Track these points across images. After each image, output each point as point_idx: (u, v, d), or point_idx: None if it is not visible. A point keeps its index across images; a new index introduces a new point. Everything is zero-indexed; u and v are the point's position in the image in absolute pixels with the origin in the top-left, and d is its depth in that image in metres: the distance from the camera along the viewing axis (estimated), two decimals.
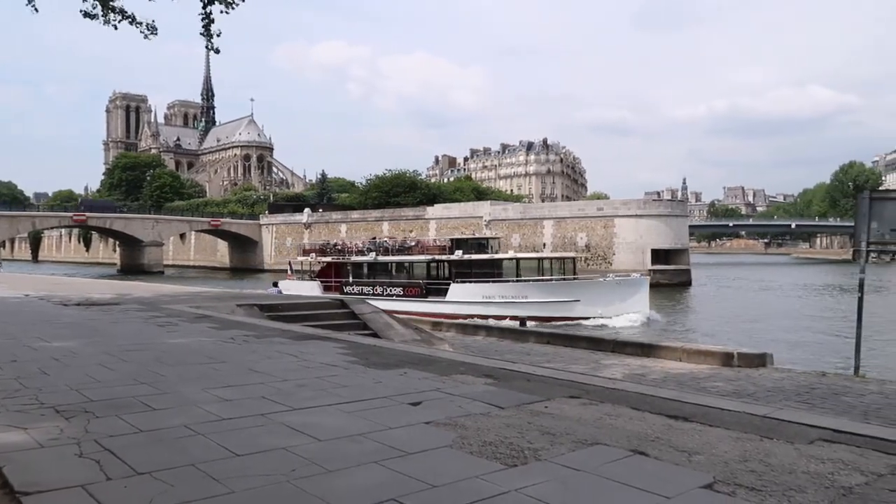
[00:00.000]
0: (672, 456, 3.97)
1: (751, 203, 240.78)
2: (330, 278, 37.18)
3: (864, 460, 3.96)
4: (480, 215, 65.52)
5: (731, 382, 9.06)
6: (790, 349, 23.13)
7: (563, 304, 30.53)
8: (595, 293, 31.14)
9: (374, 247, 38.04)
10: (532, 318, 28.16)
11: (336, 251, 39.70)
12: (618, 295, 30.55)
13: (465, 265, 33.61)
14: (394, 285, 35.11)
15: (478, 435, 4.34)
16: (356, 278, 36.79)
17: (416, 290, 34.05)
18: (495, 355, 10.37)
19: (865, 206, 11.23)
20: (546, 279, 32.85)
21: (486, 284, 32.42)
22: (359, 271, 37.18)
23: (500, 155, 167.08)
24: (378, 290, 34.93)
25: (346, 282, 36.55)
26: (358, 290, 35.35)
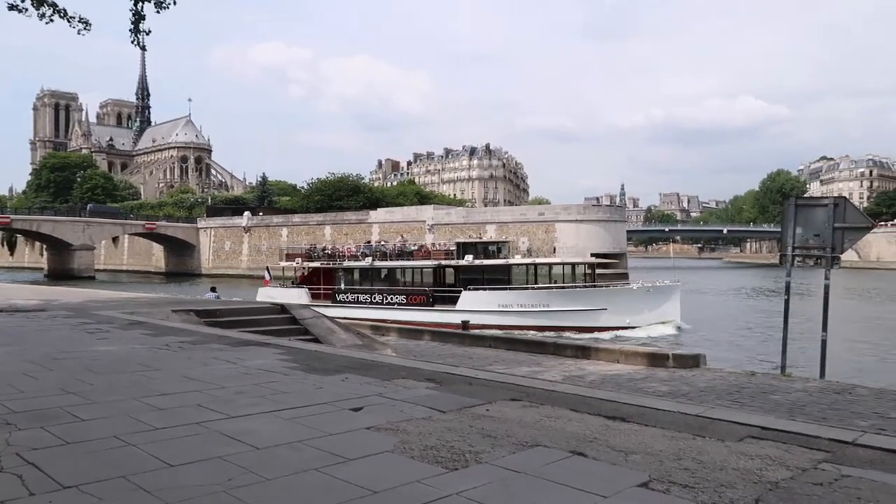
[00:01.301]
0: (609, 456, 4.05)
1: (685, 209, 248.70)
2: (318, 285, 34.51)
3: (789, 456, 4.13)
4: (424, 219, 65.59)
5: (666, 383, 9.31)
6: (723, 350, 23.94)
7: (588, 313, 28.19)
8: (623, 301, 28.79)
9: (369, 251, 35.41)
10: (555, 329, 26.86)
11: (325, 256, 36.80)
12: (647, 303, 28.50)
13: (475, 271, 31.09)
14: (395, 293, 32.30)
15: (419, 439, 4.33)
16: (349, 285, 34.15)
17: (421, 299, 31.34)
18: (438, 359, 10.38)
19: (791, 213, 11.74)
20: (569, 286, 30.22)
21: (502, 292, 29.82)
22: (352, 278, 34.45)
23: (443, 159, 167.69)
24: (377, 298, 32.35)
25: (337, 289, 34.03)
26: (352, 298, 33.03)
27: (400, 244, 36.72)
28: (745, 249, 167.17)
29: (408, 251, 34.45)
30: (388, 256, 34.20)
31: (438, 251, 33.97)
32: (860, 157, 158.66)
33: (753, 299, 51.57)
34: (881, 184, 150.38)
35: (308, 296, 33.79)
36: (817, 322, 11.88)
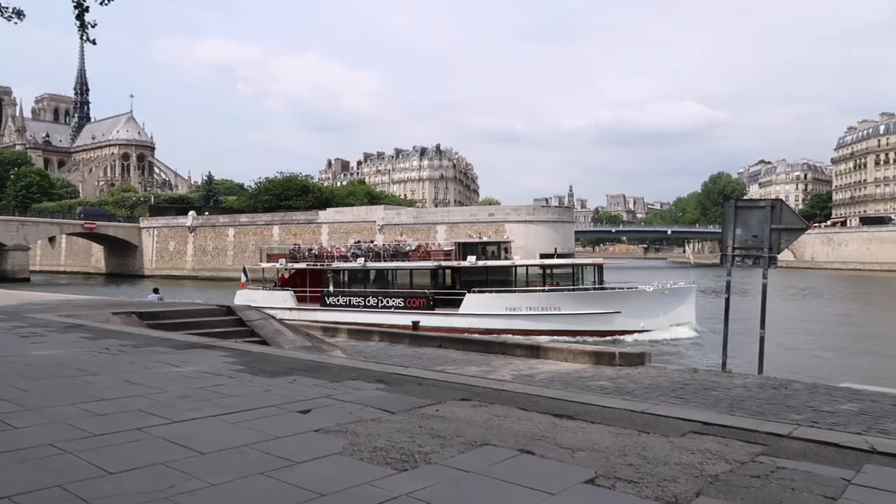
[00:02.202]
0: (557, 453, 4.11)
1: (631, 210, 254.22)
2: (303, 288, 32.69)
3: (729, 449, 4.27)
4: (374, 220, 65.25)
5: (612, 381, 9.50)
6: (669, 347, 24.50)
7: (601, 316, 26.99)
8: (637, 304, 27.41)
9: (361, 251, 33.40)
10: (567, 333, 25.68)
11: (312, 256, 34.56)
12: (662, 305, 27.26)
13: (479, 272, 29.49)
14: (391, 296, 30.55)
15: (369, 441, 4.31)
16: (339, 287, 32.28)
17: (420, 302, 29.68)
18: (388, 360, 10.35)
19: (731, 214, 12.13)
20: (581, 288, 28.78)
21: (510, 295, 28.38)
22: (343, 280, 32.57)
23: (393, 160, 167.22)
24: (371, 301, 30.61)
25: (326, 292, 32.14)
26: (344, 301, 31.33)
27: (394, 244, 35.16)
28: (688, 250, 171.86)
29: (403, 251, 32.83)
30: (382, 257, 32.50)
31: (437, 252, 32.20)
32: (795, 161, 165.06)
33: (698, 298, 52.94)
34: (815, 187, 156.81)
35: (293, 299, 32.33)
36: (757, 320, 12.28)
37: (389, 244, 35.42)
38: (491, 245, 32.56)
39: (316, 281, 32.89)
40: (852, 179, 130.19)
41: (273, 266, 35.61)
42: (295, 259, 34.95)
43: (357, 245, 35.86)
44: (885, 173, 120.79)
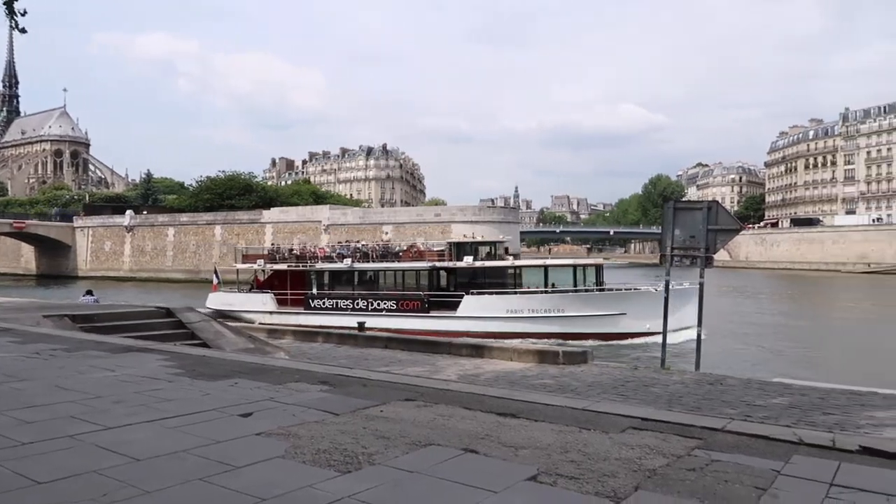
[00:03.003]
0: (501, 452, 4.14)
1: (575, 211, 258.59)
2: (283, 290, 31.03)
3: (666, 444, 4.38)
4: (319, 220, 64.50)
5: (556, 379, 9.64)
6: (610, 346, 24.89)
7: (606, 318, 26.05)
8: (642, 305, 26.21)
9: (347, 251, 31.85)
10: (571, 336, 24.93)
11: (293, 257, 32.83)
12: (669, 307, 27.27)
13: (477, 274, 28.28)
14: (382, 298, 29.18)
15: (311, 443, 4.26)
16: (324, 289, 30.86)
17: (415, 304, 28.37)
18: (332, 361, 10.25)
19: (670, 215, 12.47)
20: (583, 290, 27.71)
21: (511, 296, 27.29)
22: (327, 281, 31.12)
23: (339, 159, 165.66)
24: (360, 304, 29.19)
25: (310, 294, 30.68)
26: (330, 304, 29.81)
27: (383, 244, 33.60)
28: (629, 250, 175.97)
29: (393, 251, 31.42)
30: (371, 257, 30.98)
31: (431, 252, 30.71)
32: (731, 164, 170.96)
33: None
34: (749, 189, 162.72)
35: (274, 302, 30.84)
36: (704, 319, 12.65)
37: (378, 244, 33.67)
38: (484, 245, 31.15)
39: (298, 283, 31.29)
40: (784, 182, 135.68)
41: (250, 267, 33.78)
42: (274, 259, 33.25)
43: (343, 245, 34.47)
44: (813, 176, 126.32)
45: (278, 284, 31.73)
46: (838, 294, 57.41)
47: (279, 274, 32.12)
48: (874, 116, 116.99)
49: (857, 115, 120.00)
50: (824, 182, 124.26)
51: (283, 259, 32.99)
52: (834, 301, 51.29)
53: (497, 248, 31.04)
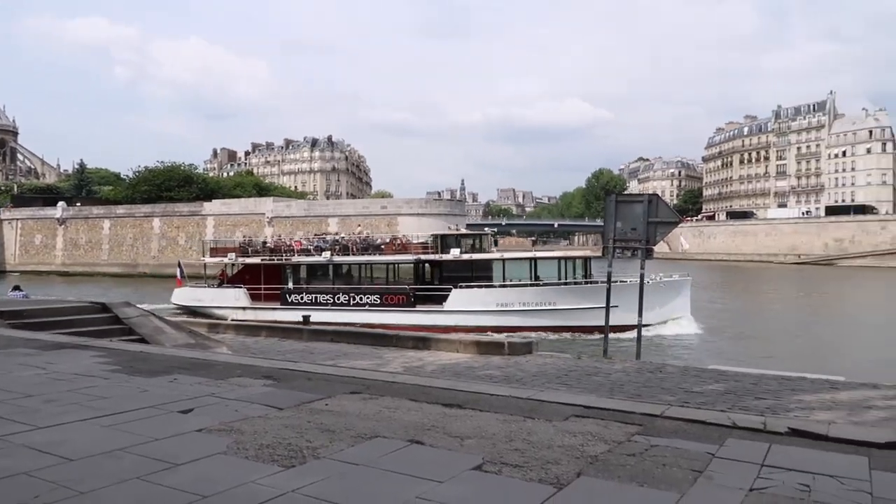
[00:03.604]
0: (446, 442, 4.16)
1: (521, 204, 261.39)
2: (257, 284, 29.40)
3: (607, 431, 4.49)
4: (263, 212, 63.34)
5: (501, 370, 9.74)
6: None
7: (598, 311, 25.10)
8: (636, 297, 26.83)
9: (326, 244, 30.31)
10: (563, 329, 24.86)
11: (267, 250, 31.29)
12: (659, 298, 25.83)
13: (464, 266, 27.24)
14: (365, 292, 27.84)
15: (254, 438, 4.19)
16: (299, 284, 29.48)
17: (400, 299, 27.20)
18: (277, 356, 10.09)
19: (612, 208, 12.74)
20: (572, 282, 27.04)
21: (501, 290, 26.48)
22: (304, 276, 29.88)
23: (283, 150, 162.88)
24: (341, 299, 27.84)
25: (287, 289, 29.18)
26: (309, 299, 28.24)
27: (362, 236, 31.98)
28: (573, 242, 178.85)
29: (375, 244, 30.12)
30: (351, 250, 29.65)
31: (415, 245, 29.49)
32: (671, 158, 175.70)
33: None
34: (687, 183, 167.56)
35: (247, 297, 29.32)
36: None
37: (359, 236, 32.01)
38: (467, 238, 29.97)
39: (272, 277, 29.79)
40: (720, 176, 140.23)
41: (220, 261, 31.97)
42: (246, 253, 31.70)
43: (320, 237, 33.12)
44: (748, 171, 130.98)
45: (250, 279, 30.18)
46: (770, 284, 59.78)
47: (251, 268, 30.64)
48: (804, 114, 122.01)
49: (789, 112, 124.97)
50: (758, 176, 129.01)
51: (256, 252, 31.61)
52: (767, 290, 53.39)
53: (483, 241, 30.02)
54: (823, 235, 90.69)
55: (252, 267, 30.54)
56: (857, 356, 20.15)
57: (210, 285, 31.65)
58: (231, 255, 31.75)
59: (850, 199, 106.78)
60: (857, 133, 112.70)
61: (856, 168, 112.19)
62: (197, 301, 30.27)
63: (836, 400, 7.20)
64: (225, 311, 28.21)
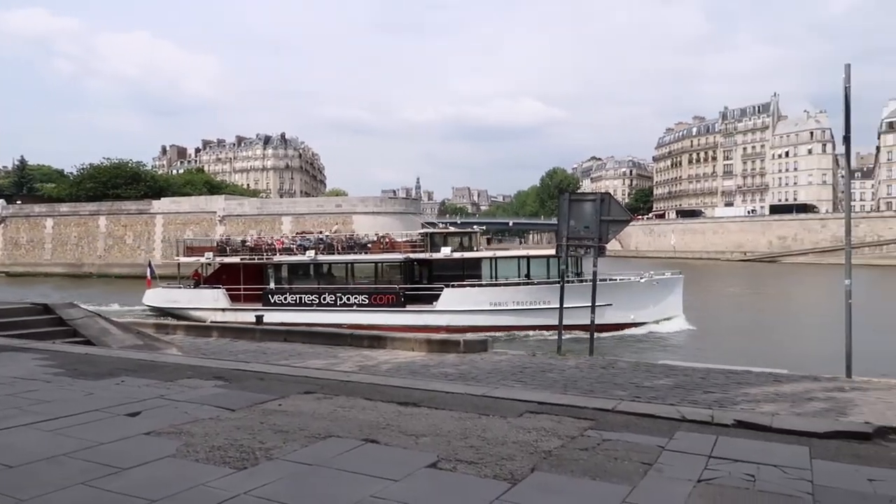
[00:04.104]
0: (401, 440, 4.15)
1: (476, 202, 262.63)
2: (236, 285, 28.23)
3: (561, 426, 4.54)
4: (214, 210, 62.10)
5: (457, 367, 9.76)
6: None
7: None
8: (628, 295, 25.83)
9: (309, 243, 29.30)
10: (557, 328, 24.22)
11: (247, 249, 29.98)
12: (652, 297, 26.17)
13: (455, 265, 26.62)
14: (353, 292, 26.98)
15: (205, 440, 4.10)
16: (281, 284, 28.32)
17: (389, 299, 26.49)
18: (229, 356, 9.91)
19: (566, 207, 12.89)
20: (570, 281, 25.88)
21: (495, 289, 26.04)
22: (287, 275, 28.77)
23: (235, 148, 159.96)
24: (328, 299, 27.00)
25: (269, 289, 28.03)
26: (293, 299, 27.38)
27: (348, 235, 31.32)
28: (527, 240, 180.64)
29: (361, 243, 29.22)
30: (336, 249, 28.70)
31: (403, 243, 28.86)
32: (622, 158, 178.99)
33: None
34: (639, 182, 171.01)
35: (226, 298, 28.15)
36: None
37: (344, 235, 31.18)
38: (455, 236, 29.14)
39: (252, 277, 28.57)
40: (670, 176, 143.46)
41: (196, 261, 30.64)
42: (224, 252, 30.31)
43: (302, 235, 32.07)
44: (696, 171, 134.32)
45: (228, 279, 28.94)
46: (721, 281, 61.46)
47: (229, 268, 29.32)
48: (749, 116, 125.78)
49: (735, 113, 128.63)
50: (706, 176, 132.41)
51: (235, 251, 30.27)
52: (714, 287, 54.86)
53: (473, 239, 29.12)
54: (768, 233, 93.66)
55: (230, 266, 29.22)
56: (800, 350, 20.88)
57: (186, 286, 30.37)
58: (208, 255, 30.38)
59: (792, 198, 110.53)
60: (799, 134, 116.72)
61: (798, 168, 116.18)
62: (172, 302, 29.07)
63: (780, 392, 7.44)
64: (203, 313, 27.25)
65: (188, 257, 31.37)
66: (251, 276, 28.61)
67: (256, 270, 28.86)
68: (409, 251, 27.91)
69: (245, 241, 31.80)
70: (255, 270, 28.83)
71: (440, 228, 31.30)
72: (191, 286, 30.06)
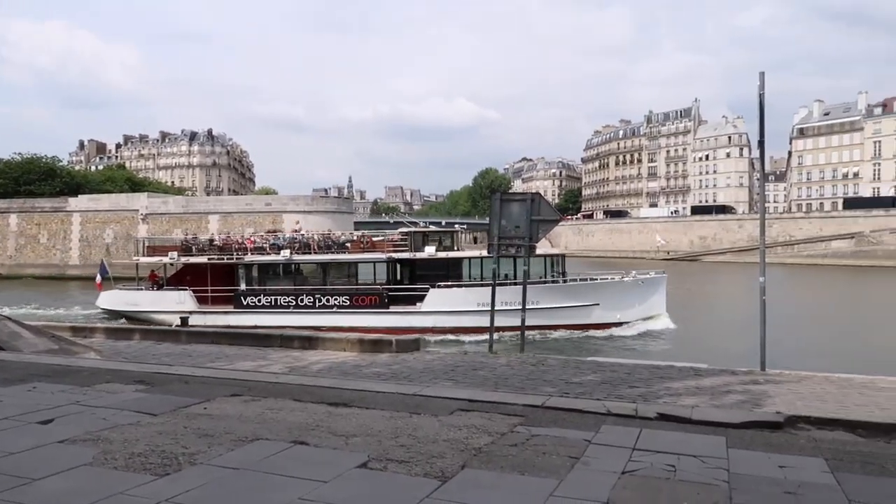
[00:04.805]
0: (331, 441, 4.11)
1: (409, 202, 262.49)
2: (202, 286, 26.63)
3: (491, 423, 4.59)
4: (136, 208, 59.72)
5: (389, 367, 9.72)
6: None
7: (580, 309, 25.09)
8: (614, 295, 25.97)
9: (284, 242, 28.03)
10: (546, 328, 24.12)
11: (215, 249, 28.36)
12: (637, 296, 26.26)
13: (439, 265, 25.87)
14: (333, 293, 25.95)
15: (124, 447, 3.94)
16: (252, 286, 26.93)
17: (372, 300, 25.69)
18: (152, 359, 9.56)
19: (497, 207, 13.03)
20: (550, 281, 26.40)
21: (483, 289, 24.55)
22: (257, 275, 27.37)
23: (159, 143, 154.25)
24: (306, 300, 25.89)
25: (241, 291, 26.58)
26: (267, 301, 26.11)
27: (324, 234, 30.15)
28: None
29: (339, 242, 28.23)
30: (313, 249, 27.50)
31: (385, 243, 27.84)
32: (552, 159, 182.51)
33: None
34: (568, 183, 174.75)
35: (193, 300, 26.66)
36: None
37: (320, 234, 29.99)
38: (434, 234, 28.39)
39: (220, 278, 27.09)
40: (598, 177, 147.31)
41: (159, 261, 28.78)
42: (189, 251, 28.69)
43: (275, 234, 30.74)
44: (623, 172, 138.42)
45: (191, 280, 27.42)
46: None
47: (193, 268, 27.71)
48: (672, 120, 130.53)
49: (659, 117, 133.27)
50: (632, 177, 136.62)
51: (202, 251, 28.60)
52: None
53: (455, 239, 28.53)
54: (689, 233, 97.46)
55: (195, 267, 27.66)
56: (719, 345, 21.80)
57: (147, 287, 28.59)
58: (172, 254, 28.51)
59: (712, 199, 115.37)
60: (718, 139, 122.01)
61: (717, 171, 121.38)
62: (132, 305, 27.41)
63: (700, 386, 7.74)
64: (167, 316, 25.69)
65: (150, 257, 29.54)
66: (219, 276, 27.16)
67: (224, 271, 27.47)
68: (391, 251, 27.06)
69: (213, 240, 30.31)
70: (222, 271, 27.44)
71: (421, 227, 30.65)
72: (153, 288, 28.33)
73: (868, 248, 73.10)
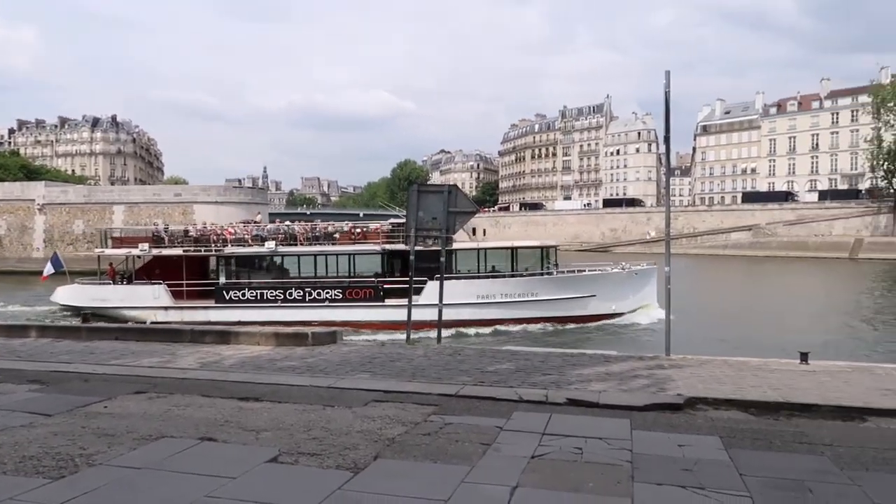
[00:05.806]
0: (240, 437, 4.01)
1: (326, 193, 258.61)
2: (177, 280, 24.80)
3: (405, 413, 4.61)
4: (32, 198, 56.11)
5: (304, 360, 9.56)
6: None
7: (577, 300, 24.81)
8: (609, 286, 25.79)
9: (269, 233, 26.34)
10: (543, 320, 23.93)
11: (190, 240, 26.46)
12: (631, 287, 26.24)
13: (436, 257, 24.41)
14: (324, 287, 24.86)
15: (15, 450, 3.72)
16: (232, 279, 25.48)
17: (366, 293, 24.60)
18: (49, 358, 9.02)
19: (414, 198, 13.02)
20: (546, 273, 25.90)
21: (482, 281, 24.94)
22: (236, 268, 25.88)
23: (57, 130, 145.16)
24: (294, 294, 24.58)
25: (221, 285, 25.05)
26: (252, 295, 24.60)
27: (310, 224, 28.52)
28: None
29: (328, 233, 26.86)
30: (300, 240, 26.13)
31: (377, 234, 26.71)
32: (470, 152, 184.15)
33: None
34: (486, 175, 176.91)
35: (168, 295, 24.68)
36: None
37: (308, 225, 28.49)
38: None
39: (196, 271, 25.48)
40: (514, 170, 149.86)
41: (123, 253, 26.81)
42: (161, 243, 26.55)
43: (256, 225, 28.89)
44: (538, 166, 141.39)
45: (160, 273, 25.54)
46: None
47: (164, 261, 25.82)
48: (585, 115, 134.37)
49: (573, 112, 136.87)
50: (547, 171, 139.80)
51: (176, 242, 26.60)
52: None
53: None
54: (601, 225, 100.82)
55: (166, 259, 25.83)
56: (629, 332, 22.71)
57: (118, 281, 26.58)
58: (143, 246, 26.45)
59: (623, 193, 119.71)
60: (628, 134, 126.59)
61: (627, 165, 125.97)
62: (100, 301, 25.11)
63: (610, 372, 8.03)
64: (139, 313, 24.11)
65: (116, 249, 27.38)
66: (193, 269, 25.47)
67: (199, 263, 25.90)
68: (384, 242, 26.01)
69: (188, 231, 28.17)
70: (197, 263, 25.81)
71: None
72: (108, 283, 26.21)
73: (764, 240, 77.79)
